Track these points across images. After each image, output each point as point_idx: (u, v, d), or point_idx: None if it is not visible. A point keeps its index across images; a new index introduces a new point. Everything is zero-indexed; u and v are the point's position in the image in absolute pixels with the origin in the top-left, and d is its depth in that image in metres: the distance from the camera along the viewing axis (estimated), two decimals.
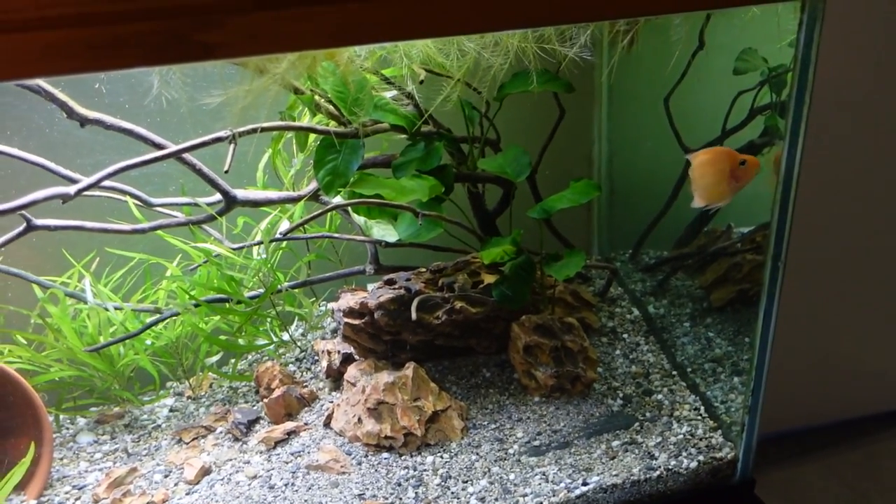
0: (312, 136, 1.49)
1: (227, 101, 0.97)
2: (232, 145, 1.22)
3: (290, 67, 0.98)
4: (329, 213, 1.63)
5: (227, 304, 1.53)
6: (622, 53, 1.44)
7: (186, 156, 1.35)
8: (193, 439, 1.46)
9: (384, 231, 1.52)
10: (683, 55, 1.54)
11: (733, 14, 1.45)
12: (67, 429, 1.55)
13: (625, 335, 1.65)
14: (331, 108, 1.39)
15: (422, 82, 1.35)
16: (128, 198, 1.44)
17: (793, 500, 2.20)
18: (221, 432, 1.47)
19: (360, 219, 1.53)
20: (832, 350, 2.25)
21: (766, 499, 1.47)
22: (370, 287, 1.62)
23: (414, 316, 1.35)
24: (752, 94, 1.53)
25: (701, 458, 1.34)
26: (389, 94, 1.45)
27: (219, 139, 1.24)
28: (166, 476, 1.37)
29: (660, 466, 1.31)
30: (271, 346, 1.64)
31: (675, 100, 1.61)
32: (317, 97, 1.38)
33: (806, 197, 1.23)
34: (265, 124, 1.26)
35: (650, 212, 1.73)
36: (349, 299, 1.48)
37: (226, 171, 1.21)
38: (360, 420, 1.38)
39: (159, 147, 1.33)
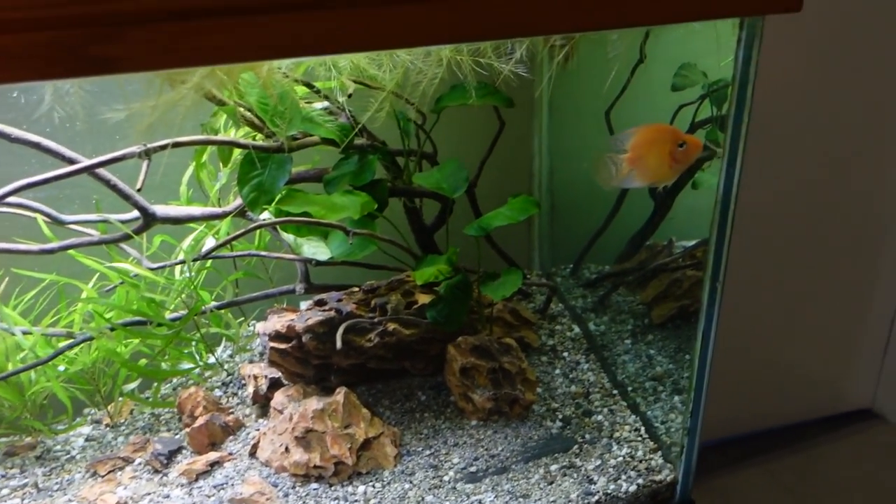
0: (237, 150, 1.42)
1: (131, 117, 0.89)
2: (145, 162, 1.14)
3: (201, 81, 0.91)
4: (258, 230, 1.55)
5: (148, 327, 1.44)
6: (561, 67, 1.40)
7: (101, 172, 1.27)
8: (109, 472, 1.37)
9: (315, 248, 1.45)
10: (624, 68, 1.51)
11: (674, 27, 1.42)
12: None
13: (565, 353, 1.61)
14: (256, 120, 1.32)
15: (350, 95, 1.29)
16: (37, 215, 1.34)
17: None
18: (140, 464, 1.38)
19: (289, 236, 1.46)
20: (772, 357, 2.26)
21: None
22: (302, 305, 1.55)
23: (339, 345, 1.29)
24: (692, 108, 1.52)
25: (640, 481, 1.31)
26: (320, 105, 1.38)
27: (127, 156, 1.16)
28: None
29: (598, 491, 1.28)
30: (196, 370, 1.56)
31: (617, 113, 1.58)
32: (241, 109, 1.30)
33: (743, 207, 1.21)
34: (180, 139, 1.18)
35: (591, 226, 1.70)
36: (275, 322, 1.41)
37: (138, 190, 1.13)
38: (287, 449, 1.31)
39: (70, 161, 1.24)
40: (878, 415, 2.57)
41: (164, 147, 1.15)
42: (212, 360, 1.59)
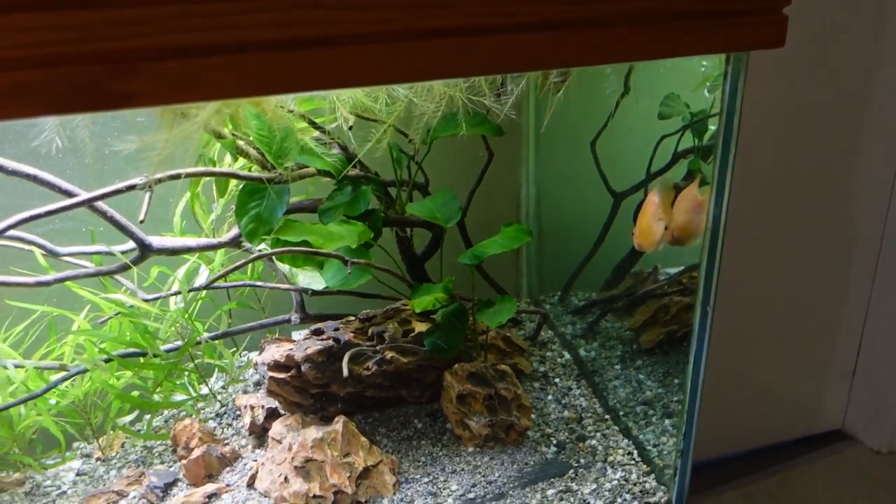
0: (233, 181, 1.43)
1: (142, 149, 0.91)
2: (147, 193, 1.15)
3: (214, 113, 0.93)
4: (250, 263, 1.56)
5: (141, 359, 1.44)
6: (550, 98, 1.45)
7: (99, 205, 1.27)
8: None
9: (310, 278, 1.46)
10: (609, 100, 1.56)
11: (657, 62, 1.48)
12: None
13: (557, 380, 1.64)
14: (254, 152, 1.34)
15: (350, 128, 1.31)
16: (32, 247, 1.34)
17: None
18: (135, 497, 1.37)
19: (284, 266, 1.47)
20: (745, 380, 2.30)
21: None
22: (296, 336, 1.55)
23: (346, 372, 1.29)
24: (675, 139, 1.57)
25: (636, 503, 1.33)
26: (314, 136, 1.40)
27: (132, 187, 1.17)
28: None
29: None
30: (189, 402, 1.55)
31: (602, 143, 1.63)
32: (239, 141, 1.32)
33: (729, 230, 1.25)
34: (187, 170, 1.20)
35: (579, 254, 1.74)
36: (273, 351, 1.41)
37: (141, 222, 1.13)
38: (286, 479, 1.31)
39: (68, 194, 1.24)
40: (849, 435, 2.63)
41: (173, 177, 1.16)
42: (205, 391, 1.58)
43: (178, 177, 1.19)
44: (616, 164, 1.67)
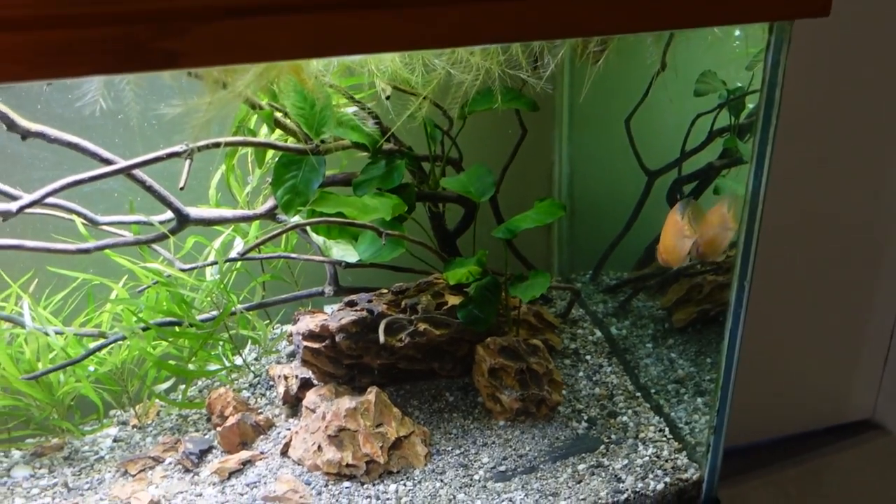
0: (270, 153, 1.44)
1: (186, 113, 0.91)
2: (188, 161, 1.17)
3: (254, 79, 0.94)
4: (285, 233, 1.57)
5: (178, 328, 1.46)
6: (588, 68, 1.43)
7: (138, 173, 1.29)
8: (140, 471, 1.38)
9: (344, 251, 1.47)
10: (645, 77, 1.55)
11: (693, 37, 1.46)
12: (1, 462, 1.44)
13: (587, 357, 1.63)
14: (291, 124, 1.34)
15: (388, 98, 1.31)
16: (73, 216, 1.36)
17: None
18: (171, 463, 1.39)
19: (319, 238, 1.48)
20: (775, 367, 2.29)
21: None
22: (328, 309, 1.57)
23: (382, 339, 1.30)
24: (710, 117, 1.55)
25: (667, 479, 1.33)
26: (351, 109, 1.41)
27: (174, 154, 1.18)
28: None
29: (627, 489, 1.29)
30: (223, 372, 1.57)
31: (636, 121, 1.62)
32: (276, 113, 1.33)
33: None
34: (226, 139, 1.21)
35: (611, 232, 1.73)
36: (308, 322, 1.43)
37: (181, 189, 1.15)
38: (319, 448, 1.32)
39: (108, 162, 1.26)
40: (879, 425, 2.60)
41: (212, 146, 1.17)
42: (238, 361, 1.60)
43: (217, 145, 1.20)
44: (650, 143, 1.66)
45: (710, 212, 1.38)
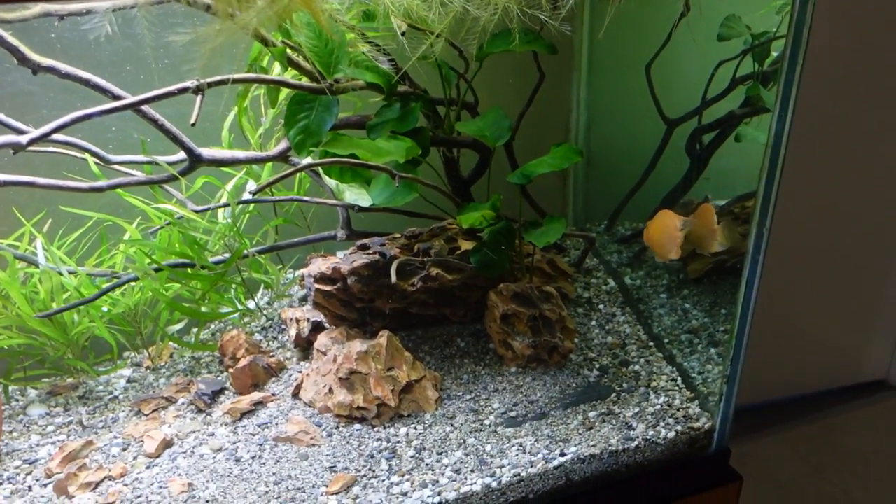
0: (283, 93, 1.42)
1: (196, 41, 0.89)
2: (199, 96, 1.15)
3: (264, 6, 0.91)
4: (298, 176, 1.56)
5: (190, 270, 1.45)
6: (609, 5, 1.39)
7: (148, 111, 1.27)
8: (153, 411, 1.39)
9: (357, 195, 1.46)
10: (667, 21, 1.51)
11: None
12: (17, 400, 1.46)
13: (601, 306, 1.62)
14: (304, 62, 1.32)
15: (403, 34, 1.28)
16: (86, 154, 1.35)
17: (750, 473, 2.22)
18: (184, 403, 1.40)
19: (331, 182, 1.46)
20: (792, 328, 2.28)
21: None
22: (339, 254, 1.56)
23: (394, 279, 1.30)
24: (733, 64, 1.51)
25: (679, 428, 1.32)
26: (365, 49, 1.38)
27: (184, 90, 1.16)
28: (124, 449, 1.30)
29: (637, 437, 1.29)
30: (236, 315, 1.57)
31: (657, 67, 1.58)
32: (289, 51, 1.30)
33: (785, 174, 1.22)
34: (235, 76, 1.18)
35: (627, 182, 1.70)
36: (320, 264, 1.42)
37: (192, 124, 1.13)
38: (330, 390, 1.32)
39: (119, 98, 1.24)
40: (893, 386, 2.59)
41: (221, 82, 1.15)
42: (251, 305, 1.61)
43: (228, 81, 1.18)
44: (671, 90, 1.62)
45: (704, 207, 1.41)
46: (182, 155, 1.37)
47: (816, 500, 2.15)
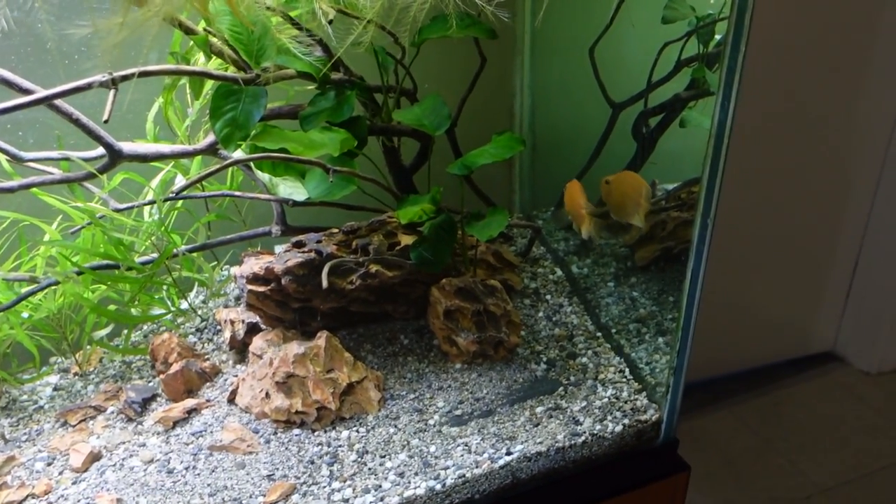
0: (209, 83, 1.34)
1: (97, 34, 0.82)
2: (112, 91, 1.07)
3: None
4: (230, 170, 1.48)
5: (116, 272, 1.38)
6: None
7: (63, 105, 1.18)
8: (81, 421, 1.32)
9: (292, 189, 1.39)
10: (610, 2, 1.46)
11: None
12: None
13: (548, 296, 1.59)
14: (228, 50, 1.24)
15: (331, 22, 1.21)
16: None
17: (702, 447, 2.26)
18: (113, 412, 1.33)
19: (264, 176, 1.39)
20: (740, 302, 2.29)
21: None
22: (277, 249, 1.50)
23: (325, 283, 1.24)
24: (678, 46, 1.48)
25: (626, 421, 1.30)
26: (295, 35, 1.31)
27: (92, 84, 1.08)
28: (49, 464, 1.23)
29: (585, 432, 1.27)
30: (168, 316, 1.50)
31: (601, 50, 1.54)
32: (213, 38, 1.23)
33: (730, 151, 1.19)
34: (148, 67, 1.10)
35: (574, 167, 1.67)
36: (253, 264, 1.36)
37: (105, 121, 1.05)
38: (267, 395, 1.27)
39: (28, 92, 1.15)
40: (839, 357, 2.65)
41: (131, 76, 1.07)
42: (184, 305, 1.53)
43: (142, 74, 1.10)
44: (615, 73, 1.58)
45: (623, 174, 1.41)
46: (102, 150, 1.28)
47: (766, 472, 2.19)
